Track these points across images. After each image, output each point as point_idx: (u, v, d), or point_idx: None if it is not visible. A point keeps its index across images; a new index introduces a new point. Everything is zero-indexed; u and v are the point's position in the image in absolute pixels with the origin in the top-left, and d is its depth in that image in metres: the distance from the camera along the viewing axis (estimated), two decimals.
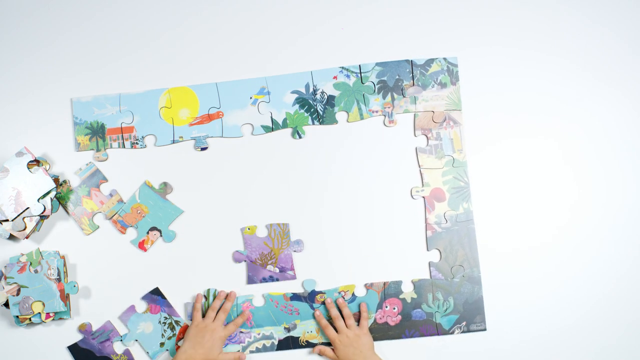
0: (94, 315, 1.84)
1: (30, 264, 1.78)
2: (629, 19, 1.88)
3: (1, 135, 1.87)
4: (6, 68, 1.89)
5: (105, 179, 1.86)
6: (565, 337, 1.82)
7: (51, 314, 1.78)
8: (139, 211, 1.85)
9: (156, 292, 1.84)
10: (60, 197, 1.83)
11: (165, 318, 1.84)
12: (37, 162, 1.80)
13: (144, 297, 1.84)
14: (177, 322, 1.84)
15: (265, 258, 1.84)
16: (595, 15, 1.88)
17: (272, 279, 1.83)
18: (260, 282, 1.83)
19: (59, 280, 1.78)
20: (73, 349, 1.83)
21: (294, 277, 1.83)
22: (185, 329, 1.82)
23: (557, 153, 1.86)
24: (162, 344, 1.83)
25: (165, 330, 1.83)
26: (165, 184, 1.85)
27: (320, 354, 1.80)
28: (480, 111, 1.86)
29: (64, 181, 1.85)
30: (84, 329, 1.83)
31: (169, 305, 1.84)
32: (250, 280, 1.83)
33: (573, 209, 1.85)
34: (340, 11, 1.90)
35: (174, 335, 1.83)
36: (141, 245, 1.85)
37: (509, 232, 1.84)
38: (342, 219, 1.86)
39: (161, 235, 1.85)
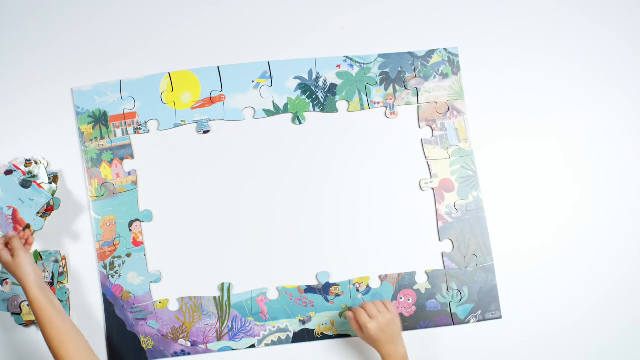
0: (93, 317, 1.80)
1: None
2: (629, 19, 1.92)
3: (3, 133, 1.83)
4: (4, 62, 1.85)
5: (132, 156, 1.82)
6: (581, 322, 1.83)
7: None
8: (108, 224, 1.81)
9: None
10: (86, 151, 1.81)
11: None
12: (34, 162, 1.77)
13: None
14: None
15: (177, 332, 1.80)
16: (595, 14, 1.92)
17: (183, 353, 1.80)
18: (172, 356, 1.80)
19: (51, 284, 1.74)
20: (108, 313, 1.79)
21: (206, 351, 1.80)
22: None
23: (562, 135, 1.88)
24: None
25: None
26: (104, 186, 1.82)
27: (351, 318, 1.68)
28: (483, 100, 1.87)
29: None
30: (127, 298, 1.79)
31: None
32: (161, 354, 1.79)
33: (584, 195, 1.87)
34: (345, 0, 1.89)
35: None
36: (137, 243, 1.82)
37: (520, 218, 1.85)
38: (353, 211, 1.84)
39: (141, 221, 1.81)
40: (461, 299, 1.81)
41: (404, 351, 1.66)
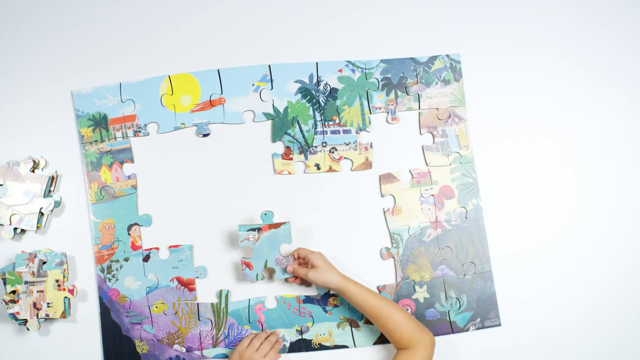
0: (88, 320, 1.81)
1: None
2: (629, 19, 1.90)
3: (3, 136, 1.83)
4: (4, 65, 1.85)
5: (131, 160, 1.82)
6: (580, 330, 1.83)
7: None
8: (107, 227, 1.81)
9: None
10: (85, 154, 1.82)
11: None
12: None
13: None
14: None
15: (172, 337, 1.80)
16: (595, 15, 1.90)
17: (178, 358, 1.79)
18: None
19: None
20: (104, 317, 1.79)
21: (200, 358, 1.80)
22: None
23: (565, 145, 1.87)
24: None
25: None
26: (104, 190, 1.82)
27: (294, 272, 1.74)
28: (484, 107, 1.86)
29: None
30: (123, 302, 1.79)
31: None
32: (156, 359, 1.79)
33: (585, 203, 1.86)
34: (346, 5, 1.88)
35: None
36: (135, 247, 1.81)
37: (519, 226, 1.84)
38: (352, 219, 1.83)
39: (140, 225, 1.80)
40: (460, 307, 1.81)
41: (352, 280, 1.70)
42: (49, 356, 1.79)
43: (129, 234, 1.81)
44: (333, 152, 1.83)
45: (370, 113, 1.85)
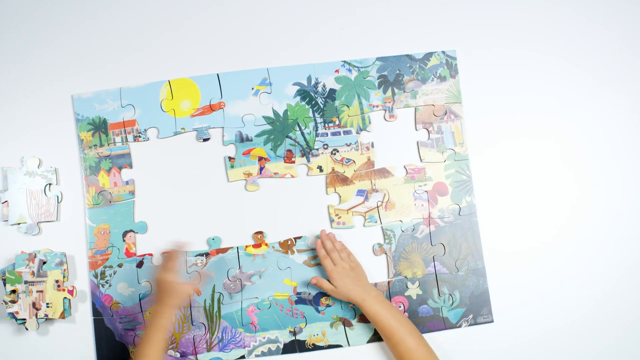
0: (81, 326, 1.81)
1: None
2: (629, 19, 1.89)
3: (3, 137, 1.85)
4: (5, 68, 1.86)
5: (130, 166, 1.83)
6: (573, 326, 1.80)
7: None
8: (102, 232, 1.81)
9: None
10: (84, 158, 1.83)
11: None
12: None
13: None
14: None
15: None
16: (595, 15, 1.89)
17: None
18: None
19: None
20: (97, 322, 1.79)
21: None
22: None
23: (560, 143, 1.85)
24: None
25: None
26: (101, 194, 1.82)
27: (317, 285, 1.73)
28: (480, 104, 1.85)
29: None
30: (116, 308, 1.79)
31: None
32: None
33: (576, 200, 1.84)
34: (342, 5, 1.89)
35: None
36: (129, 254, 1.81)
37: (512, 223, 1.82)
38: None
39: (136, 232, 1.80)
40: (452, 303, 1.79)
41: (375, 292, 1.69)
42: (46, 357, 1.79)
43: (124, 241, 1.81)
44: (335, 154, 1.83)
45: (369, 111, 1.84)
